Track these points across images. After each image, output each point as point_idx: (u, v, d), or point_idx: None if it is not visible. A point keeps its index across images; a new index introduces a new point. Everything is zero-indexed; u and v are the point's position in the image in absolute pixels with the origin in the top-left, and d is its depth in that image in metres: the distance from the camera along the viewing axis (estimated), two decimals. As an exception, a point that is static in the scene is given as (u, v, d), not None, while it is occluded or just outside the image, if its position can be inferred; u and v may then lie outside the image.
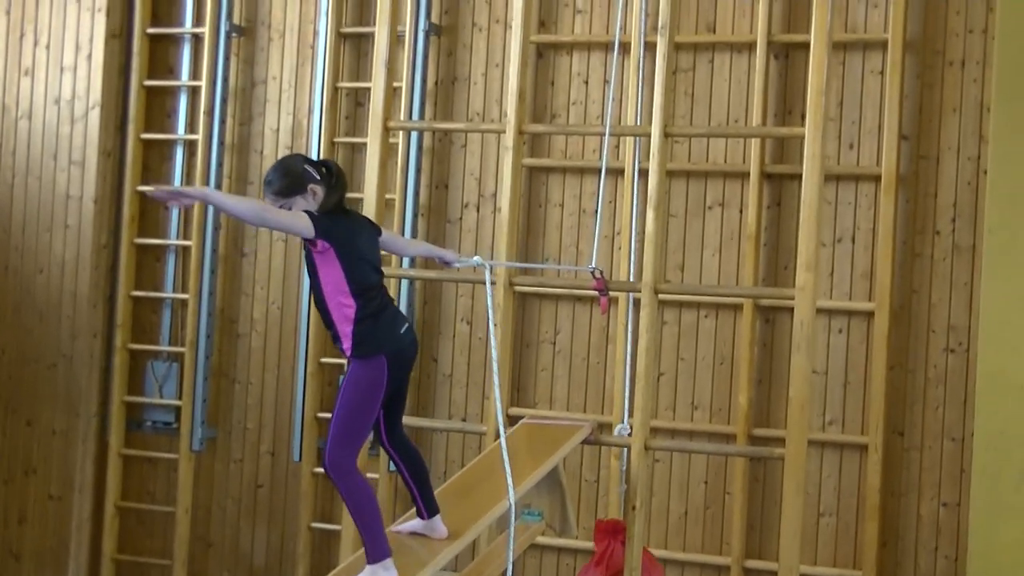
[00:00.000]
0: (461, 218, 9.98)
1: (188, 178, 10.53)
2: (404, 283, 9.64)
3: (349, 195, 9.97)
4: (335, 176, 6.01)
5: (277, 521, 10.27)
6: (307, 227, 5.77)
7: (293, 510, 10.10)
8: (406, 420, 6.49)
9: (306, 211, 5.84)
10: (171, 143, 10.64)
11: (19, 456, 10.57)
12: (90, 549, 10.58)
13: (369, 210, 8.37)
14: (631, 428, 7.96)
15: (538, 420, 8.33)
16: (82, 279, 10.46)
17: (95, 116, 10.47)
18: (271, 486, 10.32)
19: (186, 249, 10.49)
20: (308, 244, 5.88)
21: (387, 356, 5.93)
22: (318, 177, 5.94)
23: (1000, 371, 8.51)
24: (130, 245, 10.57)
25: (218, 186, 10.38)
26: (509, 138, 8.18)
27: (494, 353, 6.77)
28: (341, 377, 6.07)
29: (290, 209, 5.84)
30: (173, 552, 10.40)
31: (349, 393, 5.91)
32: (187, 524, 10.41)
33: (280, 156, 9.98)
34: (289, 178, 5.91)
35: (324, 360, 9.89)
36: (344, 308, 5.89)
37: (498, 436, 8.00)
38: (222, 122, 10.40)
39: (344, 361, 6.59)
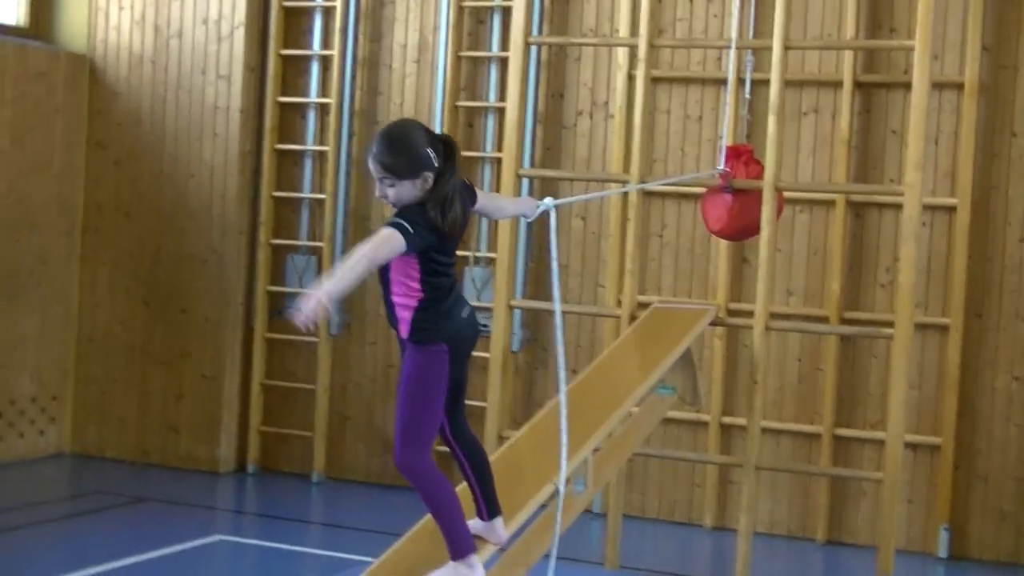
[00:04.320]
0: (575, 124, 10.04)
1: (324, 90, 10.60)
2: (524, 183, 9.69)
3: (473, 104, 10.12)
4: (455, 157, 4.95)
5: (408, 397, 10.39)
6: (402, 247, 4.73)
7: (422, 387, 10.22)
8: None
9: (399, 225, 4.73)
10: (308, 58, 10.71)
11: (175, 341, 10.74)
12: (239, 422, 10.79)
13: (511, 118, 8.41)
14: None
15: (667, 304, 8.43)
16: (230, 182, 10.57)
17: (240, 35, 10.54)
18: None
19: (322, 154, 10.60)
20: None
21: (448, 344, 4.94)
22: (435, 164, 4.85)
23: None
24: (272, 151, 10.68)
25: (351, 98, 10.46)
26: (641, 51, 8.16)
27: (555, 288, 5.69)
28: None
29: (392, 186, 4.84)
30: (314, 425, 10.60)
31: (410, 385, 4.90)
32: (326, 400, 10.60)
33: (405, 125, 9.24)
34: (408, 161, 4.84)
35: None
36: (409, 296, 4.92)
37: (632, 320, 8.20)
38: (354, 39, 10.49)
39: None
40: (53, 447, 10.91)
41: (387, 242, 4.71)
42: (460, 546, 5.00)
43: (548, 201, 5.66)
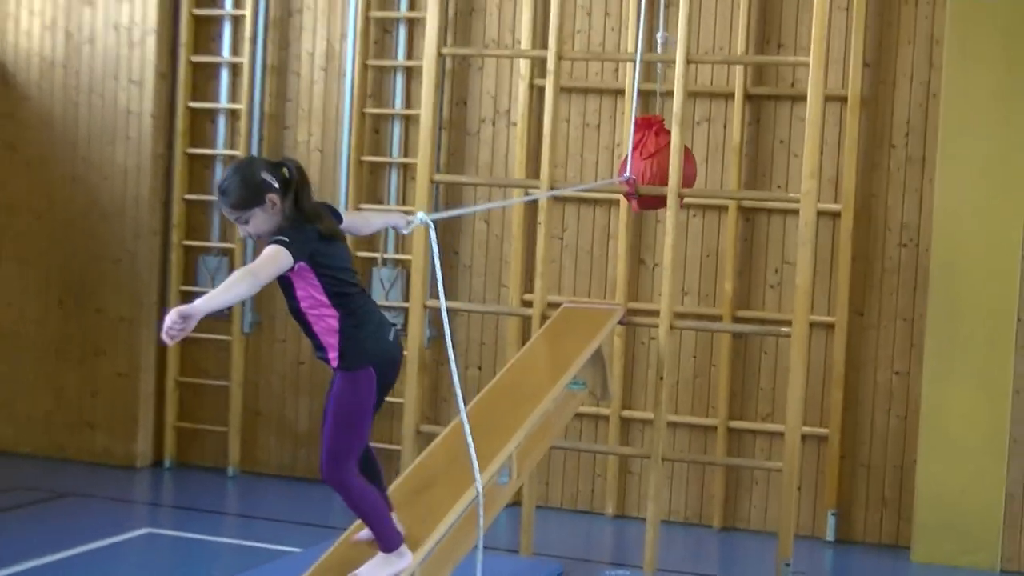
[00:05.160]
0: (478, 131, 10.33)
1: (234, 96, 10.75)
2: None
3: (380, 111, 10.39)
4: (295, 179, 4.97)
5: (318, 393, 10.58)
6: (287, 261, 4.78)
7: (331, 383, 10.43)
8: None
9: (277, 240, 4.81)
10: (217, 65, 10.85)
11: (91, 340, 10.82)
12: (155, 419, 10.92)
13: (425, 125, 8.69)
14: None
15: (576, 304, 8.76)
16: (143, 185, 10.67)
17: (151, 41, 10.65)
18: (312, 363, 10.65)
19: (233, 158, 10.71)
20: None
21: (376, 366, 5.07)
22: (276, 185, 4.91)
23: (950, 261, 9.13)
24: (183, 155, 10.81)
25: (261, 104, 10.63)
26: (550, 63, 8.52)
27: (443, 310, 5.41)
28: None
29: (247, 222, 4.92)
30: (228, 420, 10.77)
31: (339, 409, 5.03)
32: (239, 396, 10.77)
33: (238, 162, 5.13)
34: (246, 190, 4.88)
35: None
36: (325, 319, 4.99)
37: (544, 321, 8.52)
38: (263, 46, 10.66)
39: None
40: (-35, 444, 10.97)
41: (273, 259, 4.75)
42: (390, 541, 5.26)
43: (421, 215, 5.45)
